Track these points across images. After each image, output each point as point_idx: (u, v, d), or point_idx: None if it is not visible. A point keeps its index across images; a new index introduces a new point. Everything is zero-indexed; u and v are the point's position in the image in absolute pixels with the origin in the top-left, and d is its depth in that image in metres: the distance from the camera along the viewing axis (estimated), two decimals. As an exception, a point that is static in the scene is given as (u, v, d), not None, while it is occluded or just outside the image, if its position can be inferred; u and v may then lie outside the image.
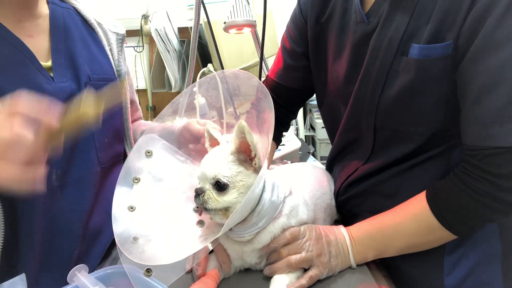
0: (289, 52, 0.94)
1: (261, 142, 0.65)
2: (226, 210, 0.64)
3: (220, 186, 0.63)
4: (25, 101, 0.52)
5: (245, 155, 0.65)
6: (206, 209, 0.65)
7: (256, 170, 0.64)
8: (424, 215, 0.67)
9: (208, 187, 0.64)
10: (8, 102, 0.52)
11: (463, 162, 0.65)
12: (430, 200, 0.67)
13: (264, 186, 0.67)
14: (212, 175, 0.64)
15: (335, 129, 0.88)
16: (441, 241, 0.70)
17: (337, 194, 0.89)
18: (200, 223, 0.72)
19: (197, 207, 0.72)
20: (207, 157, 0.68)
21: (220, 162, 0.65)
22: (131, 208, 0.68)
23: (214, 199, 0.63)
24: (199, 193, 0.64)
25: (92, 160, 0.81)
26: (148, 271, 0.61)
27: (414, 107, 0.69)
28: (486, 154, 0.61)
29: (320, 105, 0.94)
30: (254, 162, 0.64)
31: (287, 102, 1.01)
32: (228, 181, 0.63)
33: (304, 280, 0.66)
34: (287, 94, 0.98)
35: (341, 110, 0.83)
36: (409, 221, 0.69)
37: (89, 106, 0.56)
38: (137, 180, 0.71)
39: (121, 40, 0.93)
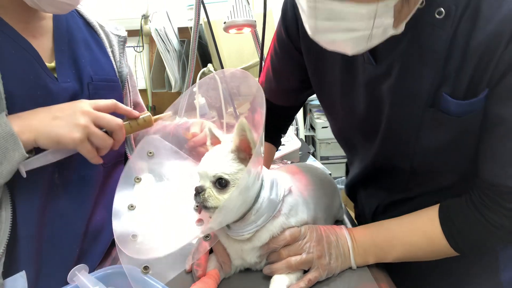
0: (279, 74, 0.91)
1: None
2: (225, 209, 0.64)
3: (221, 184, 0.63)
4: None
5: (245, 153, 0.65)
6: (206, 207, 0.64)
7: None
8: (436, 237, 0.68)
9: (208, 185, 0.64)
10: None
11: (479, 192, 0.65)
12: (444, 225, 0.67)
13: (262, 184, 0.67)
14: (213, 172, 0.64)
15: (357, 155, 0.85)
16: (442, 257, 0.71)
17: (374, 214, 0.87)
18: (200, 221, 0.72)
19: (197, 205, 0.72)
20: (207, 156, 0.68)
21: (221, 160, 0.65)
22: (131, 206, 0.69)
23: (215, 197, 0.63)
24: (199, 191, 0.64)
25: None
26: (146, 268, 0.61)
27: (455, 155, 0.68)
28: (504, 191, 0.62)
29: (332, 128, 0.90)
30: None
31: (282, 113, 0.99)
32: (229, 178, 0.63)
33: (303, 283, 0.66)
34: (281, 111, 0.97)
35: (364, 142, 0.80)
36: (418, 237, 0.70)
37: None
38: (138, 180, 0.72)
39: (123, 42, 0.95)
